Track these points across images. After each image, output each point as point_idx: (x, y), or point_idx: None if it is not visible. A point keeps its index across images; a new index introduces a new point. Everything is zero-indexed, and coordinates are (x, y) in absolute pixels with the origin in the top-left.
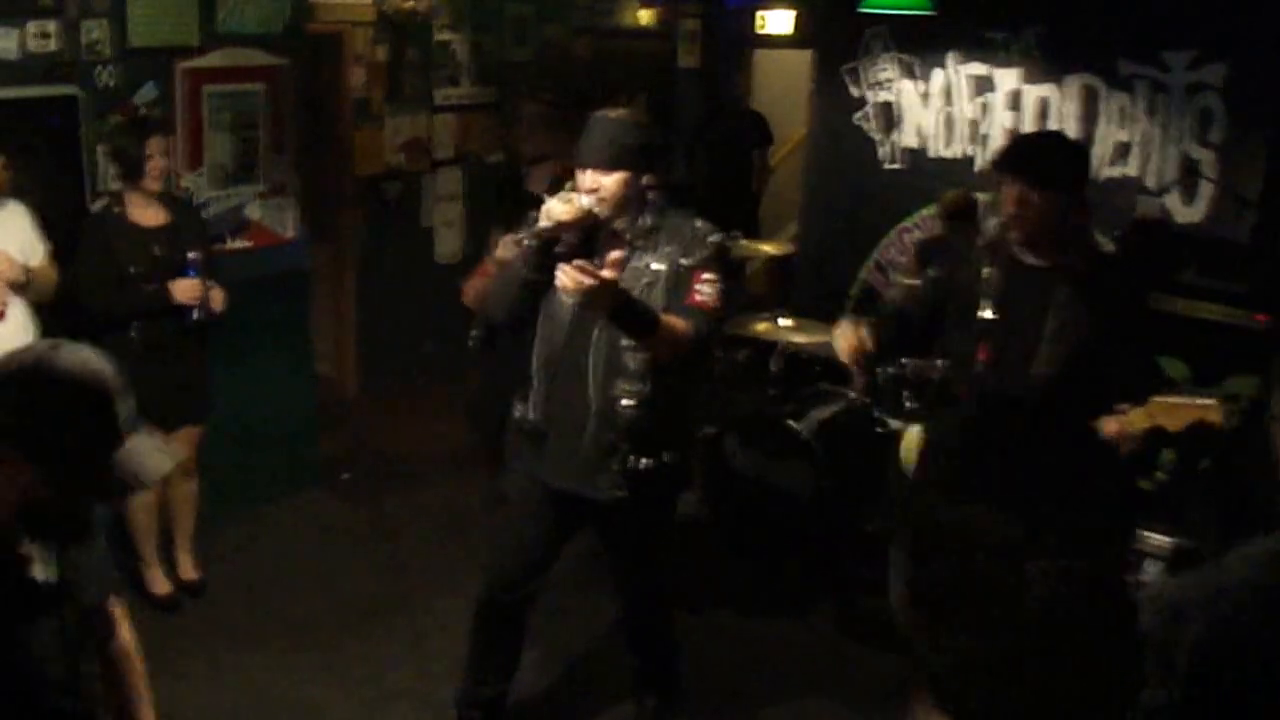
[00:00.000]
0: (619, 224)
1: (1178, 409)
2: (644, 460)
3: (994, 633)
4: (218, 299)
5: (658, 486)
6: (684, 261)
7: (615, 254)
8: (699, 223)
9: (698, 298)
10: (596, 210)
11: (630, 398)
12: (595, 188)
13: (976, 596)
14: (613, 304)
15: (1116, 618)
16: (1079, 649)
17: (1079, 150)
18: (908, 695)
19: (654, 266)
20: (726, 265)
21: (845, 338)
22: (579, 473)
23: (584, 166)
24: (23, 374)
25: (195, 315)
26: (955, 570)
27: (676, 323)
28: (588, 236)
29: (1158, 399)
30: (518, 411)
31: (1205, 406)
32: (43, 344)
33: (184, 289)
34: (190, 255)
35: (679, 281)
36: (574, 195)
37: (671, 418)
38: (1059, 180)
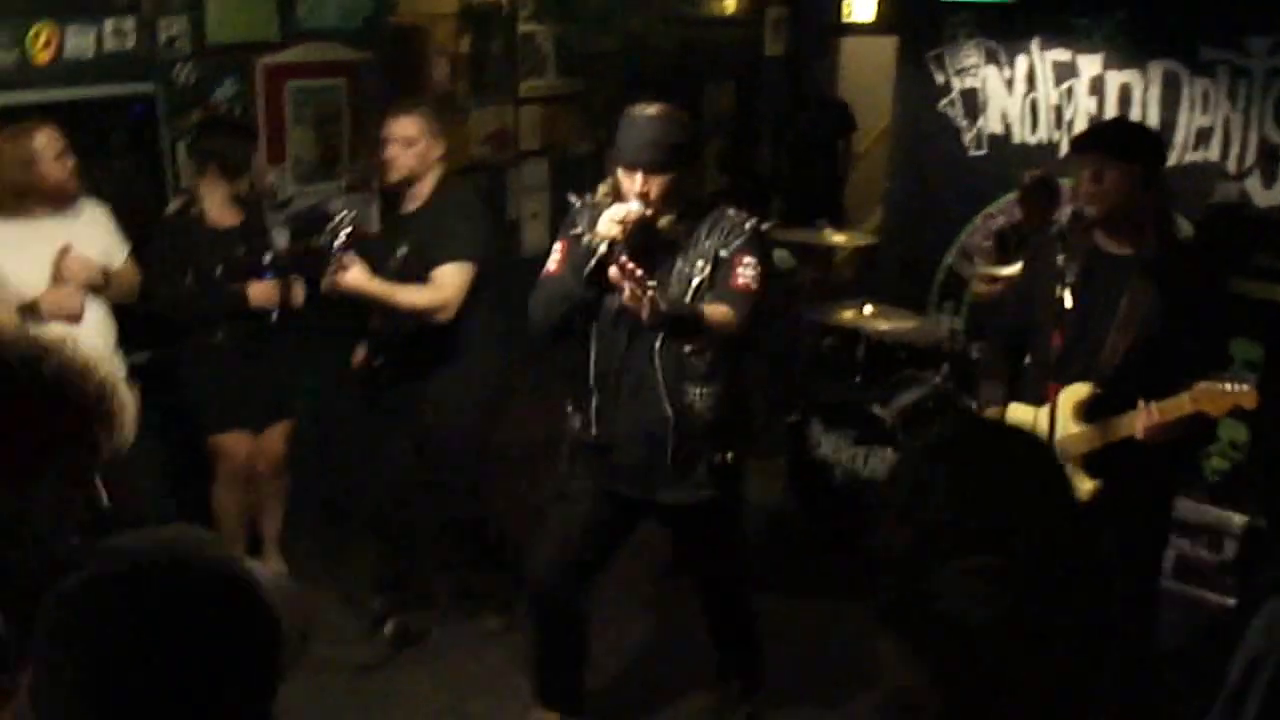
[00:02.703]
0: (662, 224)
1: (1218, 395)
2: (728, 455)
3: (924, 640)
4: (299, 294)
5: (734, 477)
6: (723, 253)
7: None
8: (732, 211)
9: (740, 281)
10: (648, 213)
11: (704, 399)
12: (645, 191)
13: (900, 606)
14: (654, 315)
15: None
16: (1015, 644)
17: (1150, 129)
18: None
19: (699, 264)
20: (764, 248)
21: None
22: (662, 480)
23: (632, 168)
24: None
25: (274, 316)
26: (883, 582)
27: (718, 311)
28: (633, 243)
29: (1200, 384)
30: (576, 423)
31: (1242, 393)
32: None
33: (260, 292)
34: (265, 258)
35: (720, 271)
36: (628, 206)
37: (740, 408)
38: (1133, 151)
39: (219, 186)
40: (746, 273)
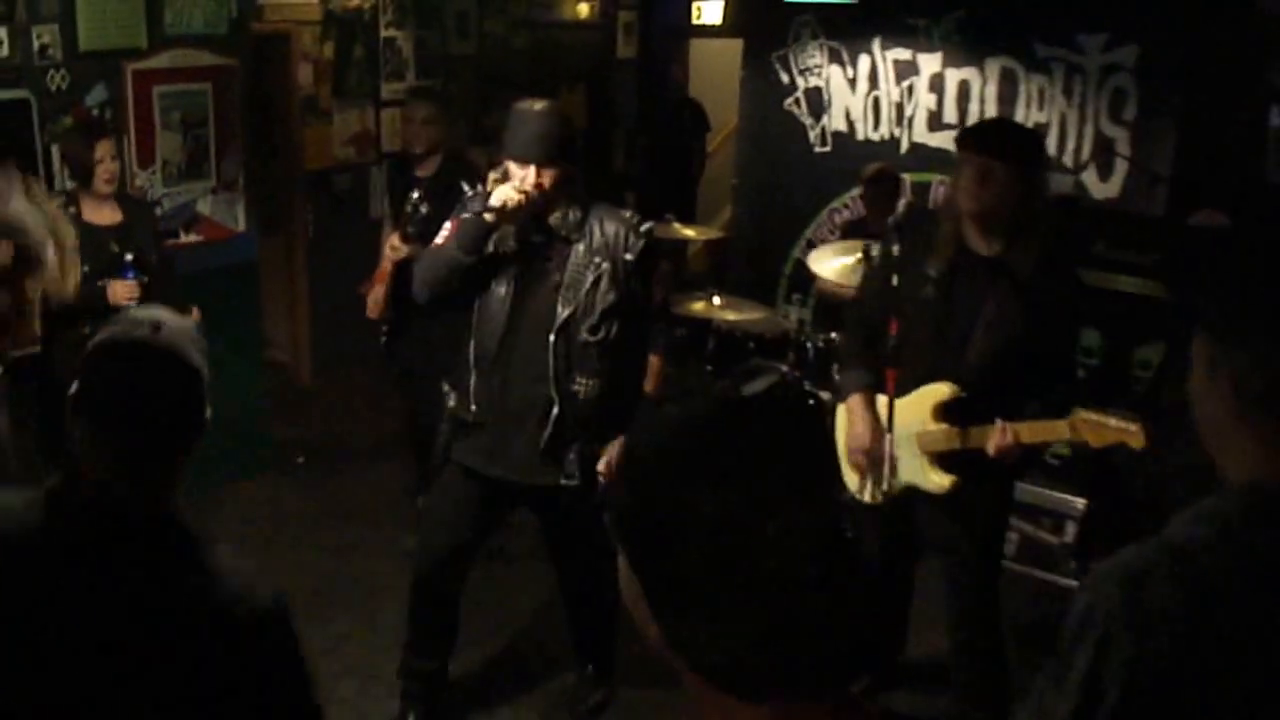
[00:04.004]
0: (553, 219)
1: (1102, 428)
2: (599, 446)
3: (747, 599)
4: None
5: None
6: (627, 256)
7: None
8: (626, 212)
9: (658, 297)
10: (538, 200)
11: (589, 390)
12: (539, 183)
13: (719, 572)
14: None
15: (847, 561)
16: (824, 598)
17: (1033, 132)
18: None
19: (597, 260)
20: (658, 250)
21: None
22: (531, 463)
23: (522, 161)
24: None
25: None
26: (691, 554)
27: (654, 361)
28: (523, 231)
29: (1083, 413)
30: (453, 401)
31: (1129, 431)
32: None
33: (119, 291)
34: (127, 257)
35: (629, 277)
36: (526, 184)
37: (624, 404)
38: (1021, 154)
39: (87, 189)
40: (658, 288)
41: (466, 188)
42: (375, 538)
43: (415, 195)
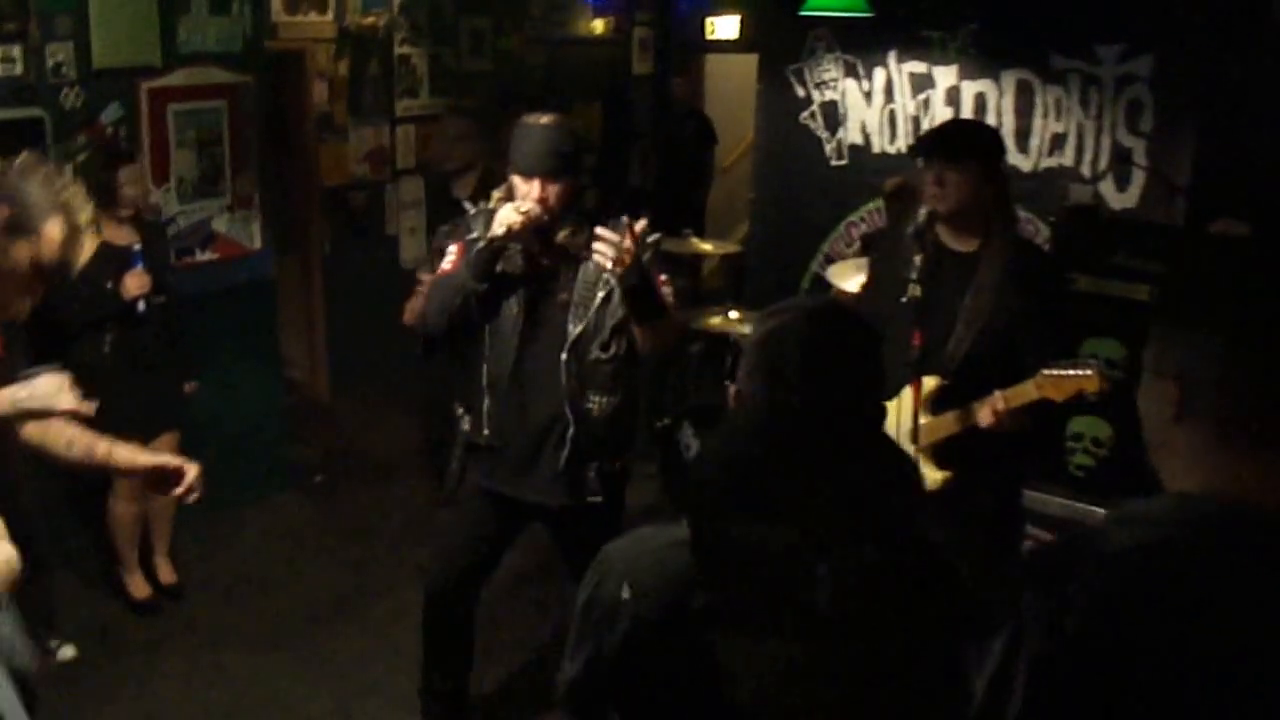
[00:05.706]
0: (561, 236)
1: (1061, 380)
2: (618, 464)
3: (794, 637)
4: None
5: (621, 484)
6: None
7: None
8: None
9: (668, 300)
10: (545, 217)
11: (604, 408)
12: (544, 197)
13: (770, 606)
14: (637, 276)
15: (928, 592)
16: (885, 636)
17: (985, 126)
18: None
19: (606, 277)
20: (664, 260)
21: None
22: (553, 484)
23: (528, 177)
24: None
25: (141, 308)
26: (745, 584)
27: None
28: (529, 249)
29: (1044, 371)
30: (465, 425)
31: (1084, 376)
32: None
33: (133, 282)
34: (135, 247)
35: None
36: (527, 203)
37: (634, 419)
38: (967, 152)
39: (107, 213)
40: (668, 290)
41: (468, 206)
42: (394, 554)
43: (444, 229)
